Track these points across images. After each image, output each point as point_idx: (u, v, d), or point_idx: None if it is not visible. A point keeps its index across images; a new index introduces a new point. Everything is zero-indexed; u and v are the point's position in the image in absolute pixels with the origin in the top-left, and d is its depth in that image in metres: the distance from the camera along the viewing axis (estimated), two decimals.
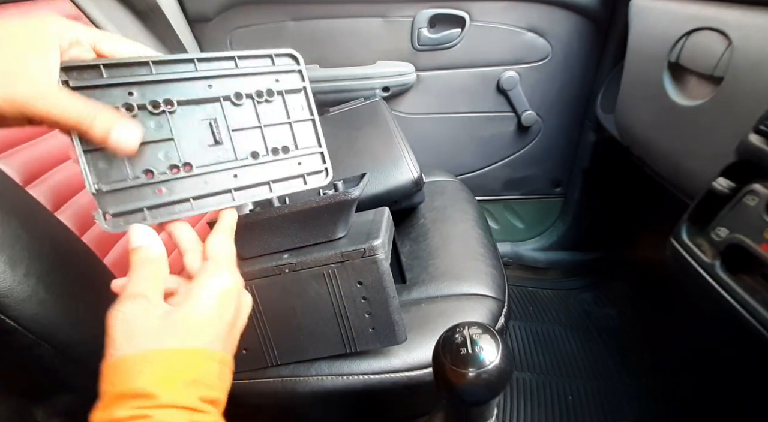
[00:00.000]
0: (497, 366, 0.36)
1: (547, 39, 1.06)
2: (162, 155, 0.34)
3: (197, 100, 0.35)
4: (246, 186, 0.37)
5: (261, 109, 0.37)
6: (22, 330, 0.43)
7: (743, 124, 0.50)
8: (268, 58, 0.38)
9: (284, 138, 0.38)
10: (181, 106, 0.34)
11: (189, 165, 0.35)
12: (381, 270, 0.49)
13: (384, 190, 0.75)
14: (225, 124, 0.36)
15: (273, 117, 0.38)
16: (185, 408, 0.26)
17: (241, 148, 0.37)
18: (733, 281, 0.48)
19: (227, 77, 0.36)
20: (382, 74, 1.07)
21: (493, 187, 1.27)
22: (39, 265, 0.46)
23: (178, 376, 0.27)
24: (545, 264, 1.34)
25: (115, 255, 0.61)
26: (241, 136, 0.36)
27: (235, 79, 0.36)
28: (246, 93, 0.36)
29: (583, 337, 1.09)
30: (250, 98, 0.37)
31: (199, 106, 0.35)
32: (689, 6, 0.69)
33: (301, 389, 0.54)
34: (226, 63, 0.36)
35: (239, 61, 0.36)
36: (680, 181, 0.74)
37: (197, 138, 0.35)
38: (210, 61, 0.35)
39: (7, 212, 0.45)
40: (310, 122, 0.40)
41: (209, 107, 0.35)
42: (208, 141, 0.35)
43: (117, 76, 0.32)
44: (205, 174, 0.35)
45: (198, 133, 0.35)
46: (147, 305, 0.30)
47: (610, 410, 0.91)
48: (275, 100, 0.38)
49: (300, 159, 0.39)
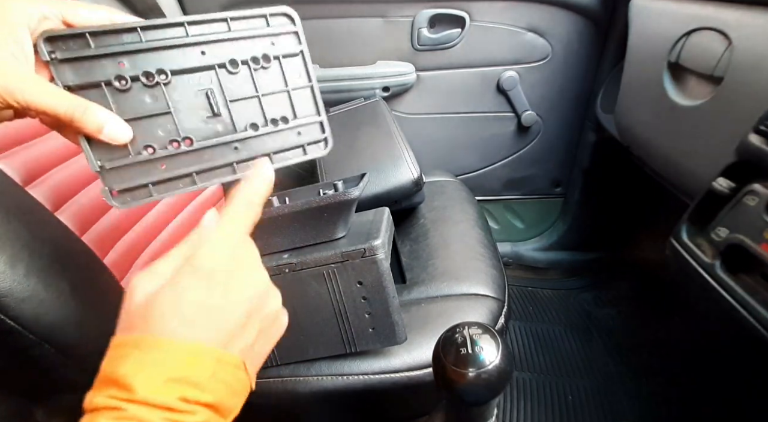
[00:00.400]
0: (497, 366, 0.37)
1: (547, 39, 1.06)
2: (161, 130, 0.33)
3: (191, 69, 0.34)
4: (247, 158, 0.36)
5: (258, 77, 0.36)
6: (22, 330, 0.43)
7: (743, 124, 0.50)
8: (262, 19, 0.36)
9: (283, 107, 0.37)
10: (175, 76, 0.33)
11: (189, 139, 0.34)
12: (381, 270, 0.49)
13: (384, 190, 0.75)
14: (222, 94, 0.35)
15: (270, 85, 0.36)
16: (161, 407, 0.24)
17: (240, 120, 0.35)
18: (733, 281, 0.48)
19: (220, 42, 0.34)
20: (382, 74, 1.07)
21: (493, 187, 1.27)
22: (39, 265, 0.45)
23: (158, 370, 0.24)
24: (545, 264, 1.34)
25: (115, 255, 0.61)
26: (239, 107, 0.35)
27: (229, 44, 0.35)
28: (241, 59, 0.35)
29: (583, 337, 1.09)
30: (245, 65, 0.35)
31: (193, 75, 0.34)
32: (689, 6, 0.69)
33: (301, 389, 0.54)
34: (218, 25, 0.34)
35: (232, 23, 0.34)
36: (680, 181, 0.74)
37: (195, 110, 0.34)
38: (201, 23, 0.34)
39: (7, 212, 0.45)
40: (308, 89, 0.38)
41: (204, 76, 0.34)
42: (206, 113, 0.34)
43: (105, 45, 0.31)
44: (205, 148, 0.35)
45: (195, 105, 0.34)
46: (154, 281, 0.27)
47: (610, 410, 0.91)
48: (272, 67, 0.36)
49: (300, 128, 0.37)
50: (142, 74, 0.32)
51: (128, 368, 0.25)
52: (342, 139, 0.87)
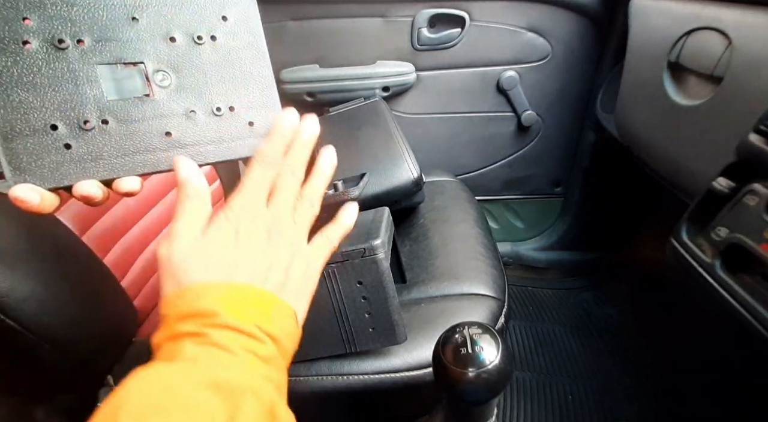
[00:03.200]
0: (497, 366, 0.37)
1: (547, 39, 1.06)
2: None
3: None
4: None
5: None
6: (22, 330, 0.43)
7: (743, 123, 0.50)
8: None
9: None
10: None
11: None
12: (381, 270, 0.49)
13: (384, 190, 0.75)
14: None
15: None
16: (242, 332, 0.26)
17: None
18: (733, 281, 0.48)
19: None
20: (382, 74, 1.07)
21: (493, 186, 1.27)
22: (39, 266, 0.46)
23: (237, 301, 0.27)
24: (545, 264, 1.34)
25: (115, 255, 0.61)
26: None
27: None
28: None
29: (583, 337, 1.09)
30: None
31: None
32: (689, 6, 0.69)
33: (301, 389, 0.54)
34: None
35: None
36: (680, 181, 0.74)
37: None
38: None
39: (7, 212, 0.45)
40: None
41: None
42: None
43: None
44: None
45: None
46: (193, 241, 0.29)
47: (610, 410, 0.91)
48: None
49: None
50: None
51: (210, 301, 0.27)
52: (342, 139, 0.87)
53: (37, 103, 0.26)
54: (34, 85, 0.26)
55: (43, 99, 0.27)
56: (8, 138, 0.26)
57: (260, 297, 0.29)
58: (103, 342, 0.53)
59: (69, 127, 0.27)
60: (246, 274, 0.29)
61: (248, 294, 0.28)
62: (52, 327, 0.46)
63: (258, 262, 0.29)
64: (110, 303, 0.57)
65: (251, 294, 0.28)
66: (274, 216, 0.31)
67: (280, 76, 1.04)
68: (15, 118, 0.26)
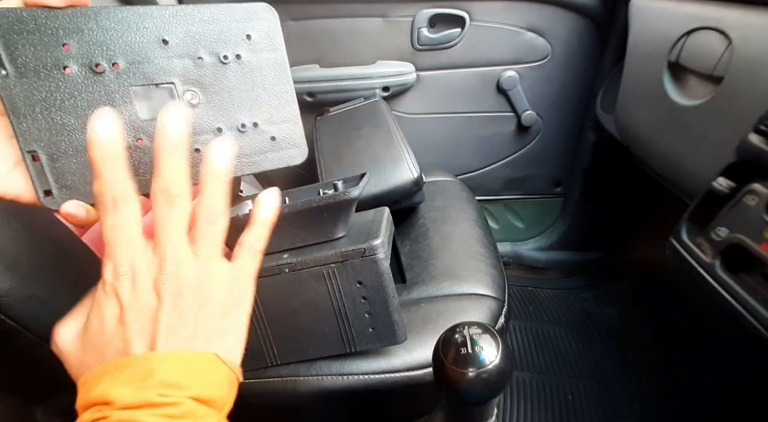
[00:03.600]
0: (497, 366, 0.37)
1: (547, 39, 1.06)
2: None
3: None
4: None
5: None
6: (22, 330, 0.43)
7: (743, 123, 0.50)
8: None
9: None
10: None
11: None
12: (381, 270, 0.49)
13: (384, 190, 0.75)
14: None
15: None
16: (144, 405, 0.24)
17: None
18: (733, 281, 0.48)
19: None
20: (382, 74, 1.07)
21: (493, 186, 1.27)
22: (39, 265, 0.46)
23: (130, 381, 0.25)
24: (545, 264, 1.34)
25: None
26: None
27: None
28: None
29: (583, 337, 1.09)
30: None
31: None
32: (689, 6, 0.69)
33: (301, 389, 0.54)
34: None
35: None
36: (680, 181, 0.74)
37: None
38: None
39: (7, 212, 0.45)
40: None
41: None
42: None
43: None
44: None
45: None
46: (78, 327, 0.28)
47: (610, 410, 0.91)
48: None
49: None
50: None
51: (101, 389, 0.25)
52: (342, 139, 0.87)
53: (79, 125, 0.28)
54: (75, 108, 0.28)
55: (83, 121, 0.28)
56: (54, 158, 0.28)
57: (160, 361, 0.26)
58: None
59: None
60: (142, 345, 0.26)
61: (143, 365, 0.25)
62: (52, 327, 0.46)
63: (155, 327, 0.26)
64: None
65: (146, 363, 0.25)
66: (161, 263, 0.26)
67: None
68: (59, 140, 0.28)
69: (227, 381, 0.28)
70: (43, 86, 0.27)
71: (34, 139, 0.28)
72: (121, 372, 0.25)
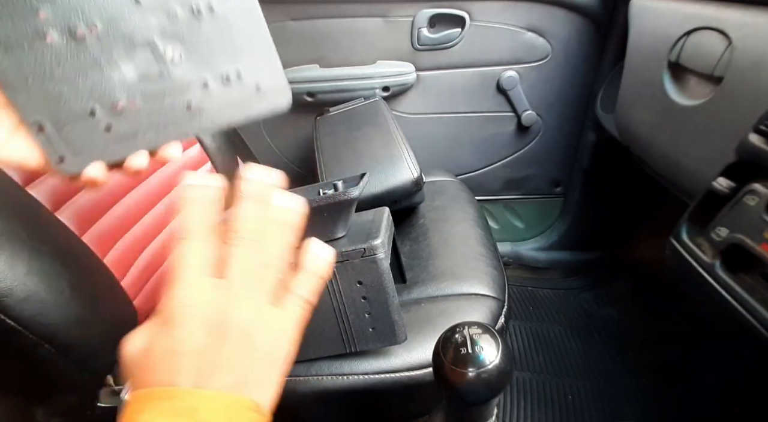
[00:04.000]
0: (497, 366, 0.37)
1: (547, 39, 1.06)
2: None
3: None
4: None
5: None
6: (22, 330, 0.43)
7: (743, 123, 0.50)
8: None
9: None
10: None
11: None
12: (381, 270, 0.49)
13: (384, 190, 0.75)
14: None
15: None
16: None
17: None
18: (733, 281, 0.48)
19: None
20: (382, 74, 1.07)
21: (493, 186, 1.27)
22: (39, 265, 0.46)
23: (180, 412, 0.25)
24: (545, 264, 1.34)
25: (115, 255, 0.61)
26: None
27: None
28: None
29: (583, 337, 1.09)
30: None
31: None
32: (689, 6, 0.69)
33: (301, 389, 0.54)
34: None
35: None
36: (680, 181, 0.74)
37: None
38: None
39: (7, 212, 0.45)
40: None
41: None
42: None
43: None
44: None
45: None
46: (141, 346, 0.28)
47: (610, 410, 0.91)
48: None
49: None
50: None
51: (143, 417, 0.25)
52: (342, 139, 0.87)
53: (73, 93, 0.29)
54: (65, 76, 0.29)
55: (76, 88, 0.29)
56: (59, 126, 0.29)
57: (204, 400, 0.26)
58: (102, 342, 0.53)
59: (105, 110, 0.30)
60: (188, 380, 0.26)
61: (187, 401, 0.26)
62: (52, 327, 0.46)
63: (204, 365, 0.26)
64: (110, 303, 0.57)
65: (190, 399, 0.26)
66: (219, 302, 0.27)
67: None
68: (59, 109, 0.29)
69: None
70: (29, 58, 0.28)
71: (35, 110, 0.29)
72: (164, 403, 0.26)
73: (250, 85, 0.34)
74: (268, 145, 1.18)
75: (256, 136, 1.16)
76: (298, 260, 0.31)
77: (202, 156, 0.87)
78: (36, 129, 0.29)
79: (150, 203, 0.71)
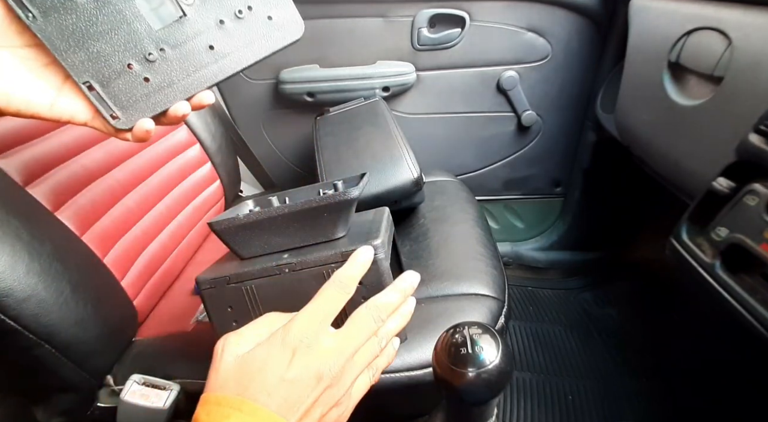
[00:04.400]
0: (497, 366, 0.36)
1: (547, 39, 1.06)
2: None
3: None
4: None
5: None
6: (22, 331, 0.43)
7: (743, 123, 0.50)
8: None
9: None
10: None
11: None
12: (381, 270, 0.49)
13: (384, 190, 0.75)
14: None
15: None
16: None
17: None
18: (733, 281, 0.48)
19: None
20: (382, 74, 1.07)
21: (493, 187, 1.27)
22: (39, 265, 0.46)
23: None
24: (545, 264, 1.34)
25: (115, 255, 0.61)
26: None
27: None
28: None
29: (583, 337, 1.09)
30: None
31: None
32: (689, 6, 0.69)
33: None
34: None
35: None
36: (680, 181, 0.74)
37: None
38: None
39: (7, 212, 0.45)
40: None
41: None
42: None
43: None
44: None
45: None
46: (248, 348, 0.31)
47: (610, 410, 0.91)
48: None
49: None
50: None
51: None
52: (342, 139, 0.87)
53: (109, 49, 0.31)
54: (100, 33, 0.31)
55: (111, 44, 0.31)
56: (104, 84, 0.31)
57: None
58: (102, 342, 0.53)
59: (140, 63, 0.32)
60: (276, 405, 0.28)
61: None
62: (52, 327, 0.46)
63: (296, 399, 0.29)
64: (110, 303, 0.57)
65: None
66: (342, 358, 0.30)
67: (280, 76, 1.04)
68: (102, 67, 0.31)
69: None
70: (66, 19, 0.30)
71: (83, 70, 0.31)
72: (250, 418, 0.27)
73: (262, 17, 0.35)
74: (268, 145, 1.18)
75: (256, 136, 1.16)
76: None
77: (203, 156, 0.87)
78: (87, 88, 0.31)
79: (150, 203, 0.71)
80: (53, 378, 0.49)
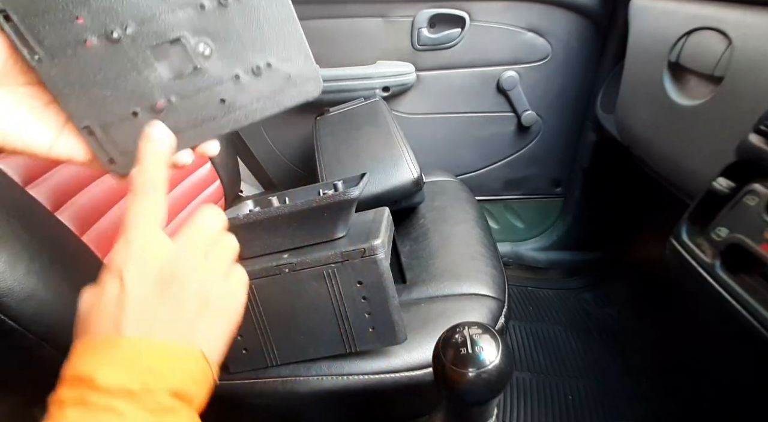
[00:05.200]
0: (497, 366, 0.37)
1: (547, 39, 1.06)
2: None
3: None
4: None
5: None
6: (22, 331, 0.43)
7: (743, 123, 0.50)
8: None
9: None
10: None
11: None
12: (381, 270, 0.49)
13: (384, 190, 0.75)
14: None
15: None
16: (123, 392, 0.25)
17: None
18: (733, 281, 0.48)
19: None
20: (382, 74, 1.07)
21: (493, 187, 1.27)
22: (39, 265, 0.46)
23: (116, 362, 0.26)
24: (545, 264, 1.34)
25: None
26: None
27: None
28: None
29: (583, 337, 1.09)
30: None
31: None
32: (689, 6, 0.69)
33: (301, 389, 0.54)
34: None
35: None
36: (680, 181, 0.74)
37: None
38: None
39: (7, 212, 0.45)
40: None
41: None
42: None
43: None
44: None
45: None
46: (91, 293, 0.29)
47: (610, 410, 0.91)
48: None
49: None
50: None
51: (87, 365, 0.26)
52: (342, 139, 0.87)
53: (115, 96, 0.30)
54: (107, 80, 0.30)
55: (117, 91, 0.30)
56: (106, 129, 0.31)
57: (149, 347, 0.26)
58: None
59: (145, 111, 0.31)
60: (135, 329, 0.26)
61: (133, 348, 0.26)
62: (52, 327, 0.46)
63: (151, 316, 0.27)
64: None
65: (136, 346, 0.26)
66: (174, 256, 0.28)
67: None
68: (105, 112, 0.30)
69: (204, 378, 0.28)
70: (73, 64, 0.29)
71: (84, 114, 0.30)
72: (108, 351, 0.26)
73: (281, 75, 0.34)
74: (268, 145, 1.18)
75: (256, 136, 1.16)
76: None
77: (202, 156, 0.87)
78: (87, 133, 0.30)
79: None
80: (54, 378, 0.49)
